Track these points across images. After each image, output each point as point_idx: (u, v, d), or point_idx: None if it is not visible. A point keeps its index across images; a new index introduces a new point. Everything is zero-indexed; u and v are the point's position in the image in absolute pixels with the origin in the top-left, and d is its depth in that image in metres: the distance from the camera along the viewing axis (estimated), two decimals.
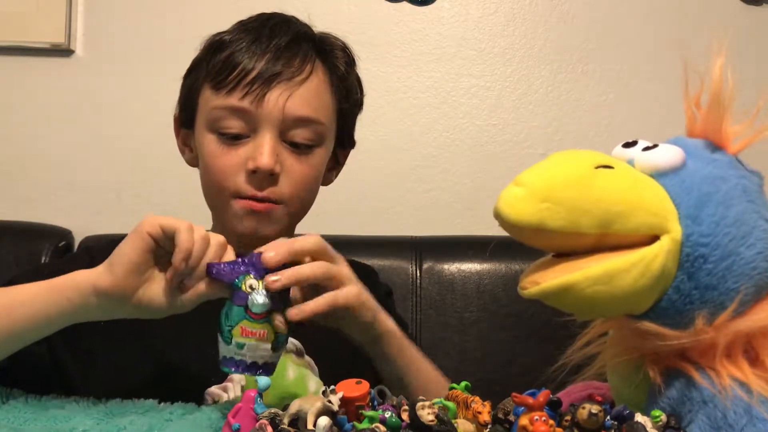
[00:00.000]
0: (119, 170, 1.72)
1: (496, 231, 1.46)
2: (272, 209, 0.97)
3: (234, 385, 0.93)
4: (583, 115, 1.74)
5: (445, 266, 1.50)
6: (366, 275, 1.14)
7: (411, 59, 1.75)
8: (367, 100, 1.75)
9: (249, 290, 0.71)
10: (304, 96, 0.96)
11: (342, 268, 0.81)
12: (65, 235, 1.58)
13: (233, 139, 0.95)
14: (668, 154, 0.69)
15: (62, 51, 1.74)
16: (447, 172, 1.73)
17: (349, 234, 1.54)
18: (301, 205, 1.01)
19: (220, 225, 1.02)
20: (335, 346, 0.98)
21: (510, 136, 1.74)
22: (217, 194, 0.99)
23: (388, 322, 0.87)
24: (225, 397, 0.89)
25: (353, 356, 0.99)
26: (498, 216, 0.65)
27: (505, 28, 1.75)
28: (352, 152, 1.14)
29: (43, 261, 1.50)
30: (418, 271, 1.49)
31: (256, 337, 0.71)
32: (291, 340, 0.89)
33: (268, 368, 0.72)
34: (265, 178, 0.95)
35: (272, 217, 0.97)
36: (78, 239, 1.59)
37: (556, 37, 1.74)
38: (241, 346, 0.70)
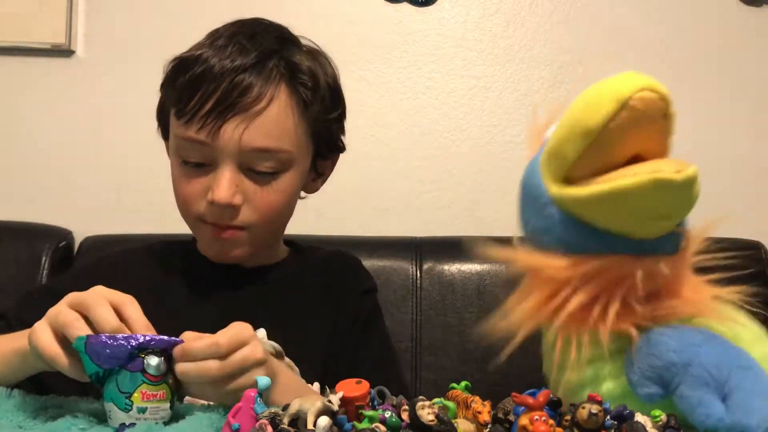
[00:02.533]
0: (119, 170, 1.72)
1: (496, 232, 1.48)
2: (236, 236, 0.97)
3: None
4: None
5: (446, 267, 1.50)
6: (344, 267, 1.14)
7: (411, 60, 1.75)
8: (367, 101, 1.76)
9: (142, 355, 0.69)
10: (263, 126, 0.93)
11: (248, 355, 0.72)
12: (65, 235, 1.59)
13: (196, 167, 0.95)
14: None
15: (63, 51, 1.74)
16: (447, 173, 1.73)
17: (350, 234, 1.54)
18: (271, 229, 1.02)
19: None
20: (312, 345, 0.99)
21: (510, 137, 1.74)
22: (185, 215, 1.00)
23: (282, 379, 0.80)
24: (200, 401, 0.89)
25: (327, 355, 1.00)
26: None
27: (506, 28, 1.75)
28: (352, 153, 1.14)
29: (43, 261, 1.50)
30: (418, 272, 1.49)
31: (158, 398, 0.69)
32: (271, 343, 0.89)
33: (166, 424, 0.71)
34: (224, 209, 0.94)
35: (238, 242, 0.98)
36: (78, 239, 1.59)
37: (557, 38, 1.74)
38: (142, 410, 0.69)
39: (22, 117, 1.75)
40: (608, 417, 0.55)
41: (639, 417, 0.56)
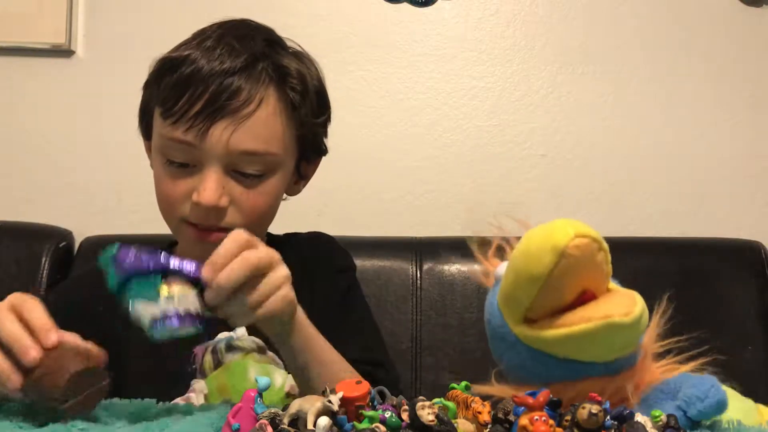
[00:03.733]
0: (119, 170, 1.72)
1: (496, 231, 1.46)
2: (220, 238, 0.96)
3: (197, 395, 0.92)
4: (583, 116, 1.74)
5: (446, 267, 1.50)
6: (318, 248, 1.13)
7: (411, 60, 1.75)
8: (367, 101, 1.76)
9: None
10: (251, 129, 0.92)
11: (274, 267, 0.78)
12: (65, 235, 1.59)
13: (180, 167, 0.94)
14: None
15: (63, 52, 1.74)
16: (447, 173, 1.73)
17: (350, 235, 1.54)
18: (256, 231, 0.99)
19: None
20: None
21: (510, 137, 1.74)
22: (167, 217, 0.99)
23: (298, 312, 0.85)
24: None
25: None
26: None
27: (506, 29, 1.75)
28: (353, 153, 1.14)
29: (43, 261, 1.50)
30: (418, 272, 1.49)
31: (182, 287, 0.70)
32: (252, 338, 0.88)
33: (204, 322, 0.71)
34: (210, 211, 0.93)
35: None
36: (78, 240, 1.59)
37: (557, 38, 1.74)
38: (170, 298, 0.69)
39: (22, 117, 1.75)
40: (608, 417, 0.55)
41: (639, 417, 0.56)
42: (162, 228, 1.33)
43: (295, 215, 1.08)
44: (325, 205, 1.54)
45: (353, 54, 1.72)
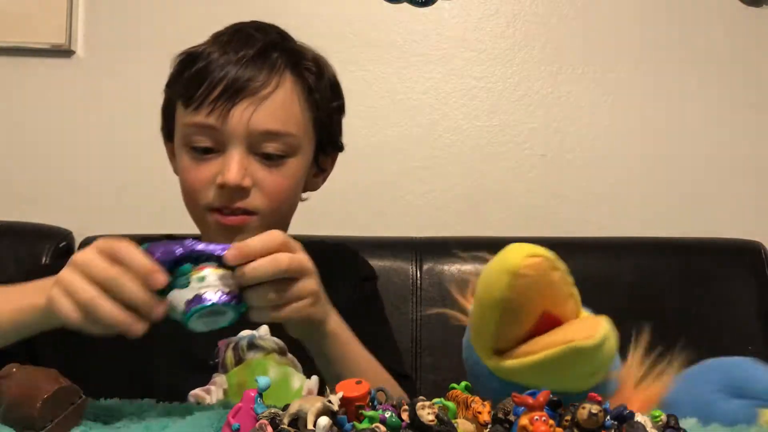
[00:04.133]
0: (119, 170, 1.73)
1: (496, 232, 1.48)
2: (246, 221, 0.97)
3: (216, 389, 0.92)
4: (583, 116, 1.74)
5: (446, 267, 1.50)
6: (342, 257, 1.15)
7: (411, 60, 1.75)
8: (367, 101, 1.76)
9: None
10: (270, 109, 0.95)
11: (305, 276, 0.78)
12: (65, 235, 1.59)
13: (204, 153, 0.96)
14: None
15: (63, 52, 1.74)
16: (447, 173, 1.73)
17: (350, 235, 1.54)
18: (278, 216, 1.01)
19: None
20: None
21: (510, 137, 1.74)
22: (193, 208, 1.00)
23: (333, 325, 0.86)
24: (208, 399, 0.89)
25: None
26: None
27: (506, 29, 1.75)
28: (353, 153, 1.14)
29: (43, 261, 1.50)
30: (418, 272, 1.49)
31: (211, 268, 0.70)
32: (273, 339, 0.89)
33: (239, 299, 0.71)
34: (234, 192, 0.95)
35: (246, 229, 0.97)
36: (78, 239, 1.59)
37: (556, 38, 1.75)
38: (202, 278, 0.69)
39: (22, 117, 1.75)
40: (608, 417, 0.55)
41: (639, 417, 0.56)
42: (163, 228, 1.33)
43: (295, 215, 1.08)
44: (325, 205, 1.53)
45: (353, 54, 1.72)
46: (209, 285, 0.70)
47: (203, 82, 0.95)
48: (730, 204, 1.72)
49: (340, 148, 1.10)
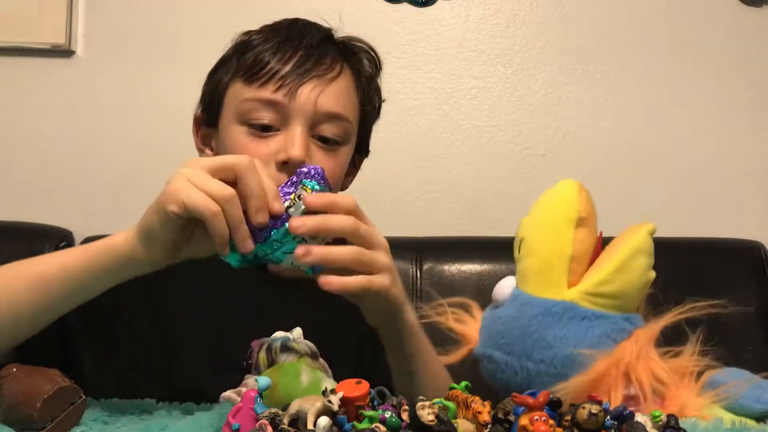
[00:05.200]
0: (119, 170, 1.73)
1: (496, 232, 1.48)
2: None
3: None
4: (583, 116, 1.74)
5: (446, 267, 1.50)
6: None
7: (411, 60, 1.75)
8: None
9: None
10: (335, 93, 0.97)
11: (378, 239, 0.82)
12: (65, 235, 1.59)
13: (263, 131, 0.95)
14: None
15: (63, 52, 1.74)
16: (447, 173, 1.73)
17: None
18: None
19: None
20: (346, 346, 0.98)
21: (510, 137, 1.74)
22: None
23: (411, 317, 0.87)
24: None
25: (355, 361, 0.99)
26: None
27: (506, 29, 1.75)
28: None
29: None
30: (418, 272, 1.49)
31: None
32: (306, 342, 0.88)
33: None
34: (294, 169, 0.94)
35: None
36: (78, 239, 1.59)
37: (557, 38, 1.74)
38: (300, 240, 0.72)
39: (22, 117, 1.75)
40: (608, 417, 0.55)
41: (639, 417, 0.56)
42: None
43: None
44: None
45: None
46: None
47: (269, 62, 0.96)
48: (730, 204, 1.72)
49: (368, 152, 1.12)
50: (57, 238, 1.56)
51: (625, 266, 0.80)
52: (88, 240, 1.55)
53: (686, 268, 1.52)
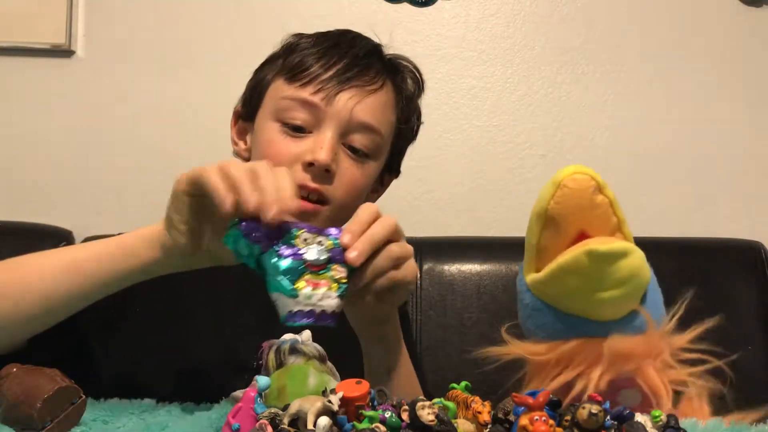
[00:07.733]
0: (119, 170, 1.72)
1: (496, 232, 1.48)
2: (318, 210, 0.96)
3: None
4: (583, 116, 1.74)
5: (445, 267, 1.50)
6: None
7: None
8: None
9: (304, 244, 0.70)
10: (372, 105, 0.98)
11: (406, 246, 0.81)
12: (65, 235, 1.59)
13: (295, 131, 0.96)
14: None
15: (63, 52, 1.74)
16: (447, 173, 1.73)
17: None
18: (346, 213, 0.99)
19: None
20: (353, 350, 0.98)
21: (510, 137, 1.74)
22: None
23: (397, 328, 0.88)
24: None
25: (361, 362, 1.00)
26: None
27: (506, 29, 1.75)
28: None
29: None
30: (418, 272, 1.49)
31: (325, 288, 0.71)
32: (315, 345, 0.89)
33: (336, 317, 0.72)
34: (320, 173, 0.94)
35: (316, 218, 0.97)
36: (78, 239, 1.59)
37: (557, 38, 1.75)
38: (309, 296, 0.70)
39: (22, 117, 1.75)
40: (608, 417, 0.55)
41: (639, 417, 0.56)
42: None
43: None
44: None
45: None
46: (315, 302, 0.71)
47: (318, 60, 0.97)
48: (730, 204, 1.72)
49: (399, 173, 1.12)
50: (57, 238, 1.56)
51: (571, 272, 0.72)
52: (88, 240, 1.55)
53: (686, 268, 1.52)
